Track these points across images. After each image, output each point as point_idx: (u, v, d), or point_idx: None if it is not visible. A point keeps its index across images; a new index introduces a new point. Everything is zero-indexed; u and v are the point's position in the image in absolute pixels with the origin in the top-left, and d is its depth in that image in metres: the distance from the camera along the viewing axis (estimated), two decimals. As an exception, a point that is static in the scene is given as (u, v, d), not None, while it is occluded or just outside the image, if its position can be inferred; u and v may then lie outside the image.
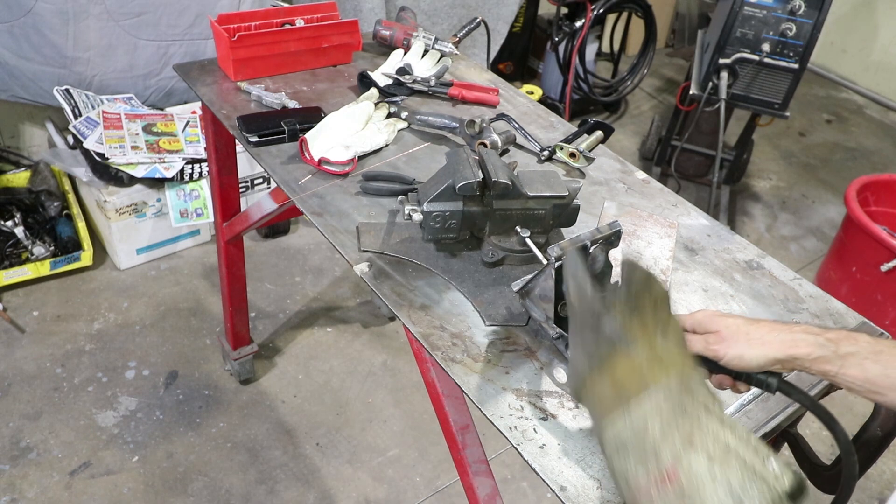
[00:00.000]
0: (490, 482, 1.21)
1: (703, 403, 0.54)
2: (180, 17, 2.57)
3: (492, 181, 1.11)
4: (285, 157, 1.44)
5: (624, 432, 0.57)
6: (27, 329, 2.40)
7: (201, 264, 2.74)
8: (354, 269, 1.18)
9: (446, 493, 2.07)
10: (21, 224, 2.54)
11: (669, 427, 0.54)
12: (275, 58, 1.70)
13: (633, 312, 0.64)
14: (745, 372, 0.84)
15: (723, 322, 0.85)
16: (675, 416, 0.54)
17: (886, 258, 2.47)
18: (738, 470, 0.51)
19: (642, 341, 0.61)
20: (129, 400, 2.21)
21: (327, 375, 2.37)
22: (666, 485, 0.53)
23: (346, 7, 2.88)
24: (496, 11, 3.42)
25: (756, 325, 0.85)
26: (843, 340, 0.82)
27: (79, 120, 2.46)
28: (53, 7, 2.32)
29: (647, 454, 0.54)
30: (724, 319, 0.86)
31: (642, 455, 0.55)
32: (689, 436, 0.53)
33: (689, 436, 0.53)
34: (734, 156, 3.38)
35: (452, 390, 1.14)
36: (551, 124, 1.68)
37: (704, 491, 0.52)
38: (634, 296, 0.65)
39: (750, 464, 0.51)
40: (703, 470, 0.52)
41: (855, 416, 2.32)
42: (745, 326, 0.85)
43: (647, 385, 0.57)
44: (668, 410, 0.55)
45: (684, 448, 0.53)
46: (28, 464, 2.00)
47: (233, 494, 1.99)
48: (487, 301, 1.13)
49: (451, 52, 1.82)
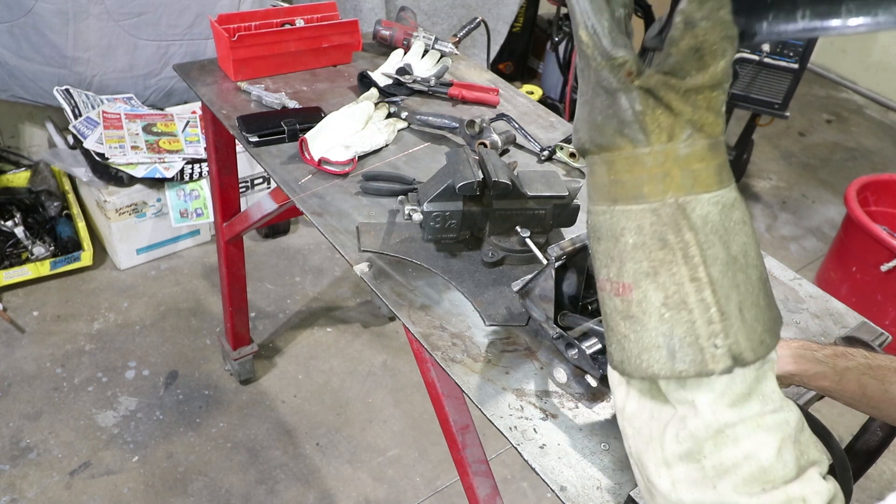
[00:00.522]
0: (490, 482, 1.21)
1: (684, 247, 0.49)
2: (180, 17, 2.57)
3: (492, 181, 1.11)
4: (285, 157, 1.44)
5: (601, 228, 0.53)
6: (27, 329, 2.40)
7: (201, 264, 2.74)
8: (354, 269, 1.18)
9: (446, 493, 2.07)
10: (21, 224, 2.54)
11: (643, 248, 0.50)
12: (275, 58, 1.70)
13: (667, 89, 0.48)
14: None
15: None
16: (653, 241, 0.50)
17: (886, 258, 2.47)
18: (684, 327, 0.50)
19: (658, 138, 0.49)
20: (129, 400, 2.21)
21: (327, 375, 2.37)
22: (617, 295, 0.52)
23: (346, 7, 2.88)
24: (496, 11, 3.42)
25: None
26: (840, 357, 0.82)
27: (79, 120, 2.46)
28: (53, 7, 2.32)
29: (613, 259, 0.52)
30: None
31: (608, 257, 0.52)
32: (656, 268, 0.50)
33: (656, 268, 0.50)
34: (734, 156, 3.38)
35: (452, 390, 1.14)
36: (551, 124, 1.68)
37: (647, 323, 0.51)
38: (683, 57, 0.48)
39: (697, 331, 0.49)
40: (655, 306, 0.50)
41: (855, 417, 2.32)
42: None
43: (639, 198, 0.50)
44: (649, 233, 0.50)
45: (646, 275, 0.50)
46: (28, 464, 2.00)
47: (233, 494, 1.99)
48: (487, 301, 1.13)
49: (451, 52, 1.82)
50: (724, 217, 0.50)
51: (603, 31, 0.48)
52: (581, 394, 0.99)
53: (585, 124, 0.53)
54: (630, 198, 0.51)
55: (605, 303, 0.54)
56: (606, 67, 0.49)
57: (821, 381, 0.83)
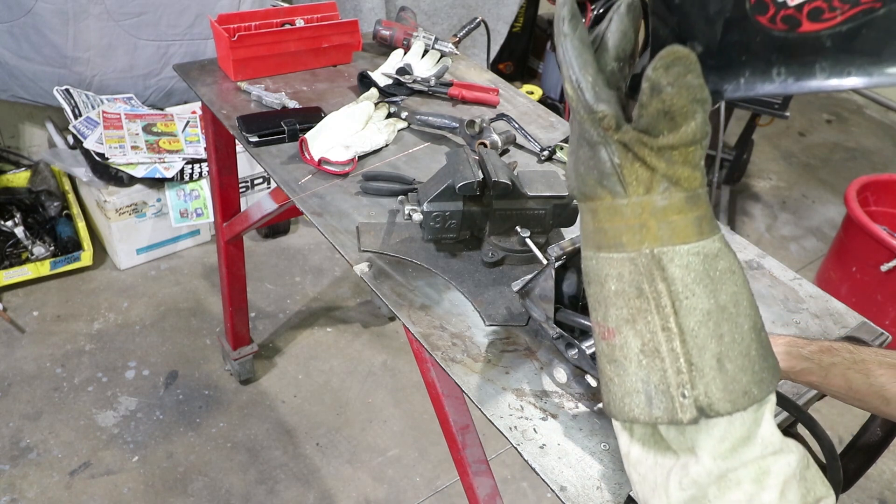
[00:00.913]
0: (490, 482, 1.21)
1: (657, 298, 0.50)
2: (180, 17, 2.57)
3: (492, 181, 1.11)
4: (285, 157, 1.44)
5: (590, 273, 0.55)
6: (27, 329, 2.40)
7: (201, 264, 2.74)
8: (354, 269, 1.18)
9: (446, 493, 2.07)
10: (21, 224, 2.54)
11: (623, 296, 0.52)
12: (275, 58, 1.70)
13: (642, 145, 0.50)
14: None
15: None
16: (631, 289, 0.51)
17: (886, 258, 2.47)
18: (658, 375, 0.51)
19: (636, 191, 0.51)
20: (129, 400, 2.21)
21: (327, 375, 2.37)
22: (604, 339, 0.54)
23: (346, 7, 2.88)
24: (496, 11, 3.42)
25: None
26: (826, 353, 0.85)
27: (79, 120, 2.46)
28: (53, 7, 2.32)
29: (600, 304, 0.54)
30: None
31: (597, 301, 0.54)
32: (634, 315, 0.51)
33: (634, 315, 0.51)
34: (734, 156, 3.38)
35: (452, 390, 1.14)
36: (551, 124, 1.68)
37: (629, 368, 0.52)
38: (653, 119, 0.49)
39: (668, 380, 0.51)
40: (634, 352, 0.52)
41: (855, 417, 2.33)
42: None
43: (619, 247, 0.52)
44: (627, 281, 0.51)
45: (626, 321, 0.52)
46: (28, 464, 2.00)
47: (233, 494, 1.99)
48: (487, 301, 1.13)
49: (451, 52, 1.82)
50: (707, 267, 0.50)
51: (587, 85, 0.50)
52: (581, 394, 0.99)
53: (572, 173, 0.55)
54: (612, 246, 0.52)
55: (596, 344, 0.56)
56: (588, 121, 0.51)
57: (807, 376, 0.85)
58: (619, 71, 0.53)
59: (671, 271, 0.50)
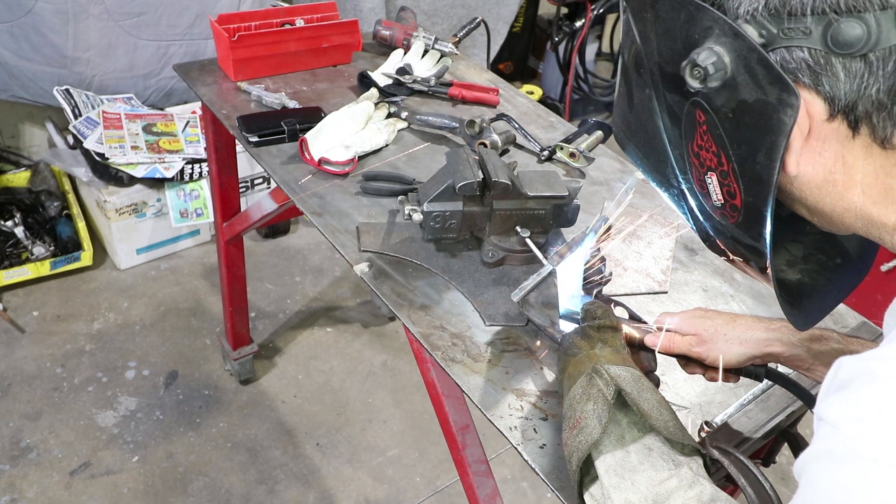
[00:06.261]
0: (490, 482, 1.21)
1: (593, 392, 0.79)
2: (180, 17, 2.57)
3: (492, 181, 1.11)
4: (285, 157, 1.44)
5: (566, 402, 0.83)
6: (27, 329, 2.40)
7: (201, 264, 2.74)
8: (354, 269, 1.18)
9: (446, 493, 2.07)
10: (21, 224, 2.54)
11: (582, 398, 0.80)
12: (275, 58, 1.70)
13: (583, 336, 0.89)
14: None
15: (701, 325, 0.91)
16: (585, 391, 0.80)
17: (886, 258, 2.47)
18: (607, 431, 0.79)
19: (584, 349, 0.87)
20: (129, 400, 2.21)
21: (327, 375, 2.37)
22: (574, 429, 0.78)
23: (346, 7, 2.88)
24: (496, 11, 3.42)
25: (734, 324, 0.91)
26: (815, 341, 0.88)
27: (79, 120, 2.46)
28: (53, 7, 2.32)
29: (570, 410, 0.81)
30: (703, 321, 0.92)
31: (569, 413, 0.81)
32: (586, 403, 0.79)
33: (586, 403, 0.79)
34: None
35: (452, 390, 1.14)
36: (551, 124, 1.68)
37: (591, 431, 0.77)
38: (586, 326, 0.90)
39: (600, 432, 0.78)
40: (593, 423, 0.77)
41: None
42: (723, 327, 0.90)
43: (579, 375, 0.82)
44: (583, 389, 0.81)
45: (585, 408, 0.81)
46: (28, 464, 2.00)
47: (233, 494, 1.99)
48: (487, 301, 1.13)
49: (451, 52, 1.82)
50: (633, 376, 0.79)
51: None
52: (581, 394, 0.99)
53: (557, 360, 0.92)
54: (574, 378, 0.83)
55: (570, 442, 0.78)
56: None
57: (796, 362, 0.89)
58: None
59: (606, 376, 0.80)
